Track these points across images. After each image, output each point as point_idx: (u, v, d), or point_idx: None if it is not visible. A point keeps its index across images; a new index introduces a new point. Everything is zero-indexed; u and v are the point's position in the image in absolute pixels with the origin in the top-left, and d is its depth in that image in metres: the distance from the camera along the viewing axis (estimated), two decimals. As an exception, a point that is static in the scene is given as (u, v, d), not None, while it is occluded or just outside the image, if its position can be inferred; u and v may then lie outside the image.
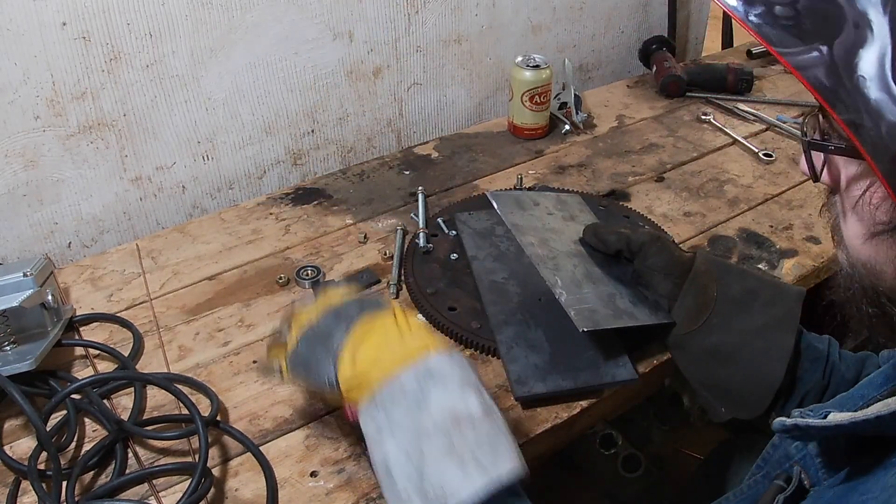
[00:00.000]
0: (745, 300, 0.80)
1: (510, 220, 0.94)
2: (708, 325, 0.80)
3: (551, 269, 0.87)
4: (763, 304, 0.79)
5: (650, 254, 0.85)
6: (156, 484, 0.75)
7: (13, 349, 0.84)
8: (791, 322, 0.78)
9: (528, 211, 0.99)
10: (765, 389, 0.76)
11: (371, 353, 0.64)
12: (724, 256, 1.08)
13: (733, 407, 0.79)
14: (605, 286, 0.88)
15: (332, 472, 0.77)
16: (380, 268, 1.05)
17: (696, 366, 0.82)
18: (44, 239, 1.13)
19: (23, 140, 1.04)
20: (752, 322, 0.79)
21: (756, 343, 0.77)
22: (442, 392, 0.61)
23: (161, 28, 1.09)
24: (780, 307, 0.79)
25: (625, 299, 0.87)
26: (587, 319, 0.82)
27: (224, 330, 0.95)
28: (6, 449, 0.79)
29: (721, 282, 0.82)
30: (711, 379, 0.81)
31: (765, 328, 0.78)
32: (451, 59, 1.45)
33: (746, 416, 0.77)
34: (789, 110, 1.50)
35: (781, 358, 0.76)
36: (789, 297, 0.80)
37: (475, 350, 0.91)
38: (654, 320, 0.85)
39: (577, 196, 1.11)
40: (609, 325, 0.83)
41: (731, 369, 0.78)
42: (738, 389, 0.78)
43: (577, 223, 0.99)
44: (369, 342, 0.65)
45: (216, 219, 1.17)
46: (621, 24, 1.71)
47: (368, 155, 1.43)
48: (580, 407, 0.84)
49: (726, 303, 0.80)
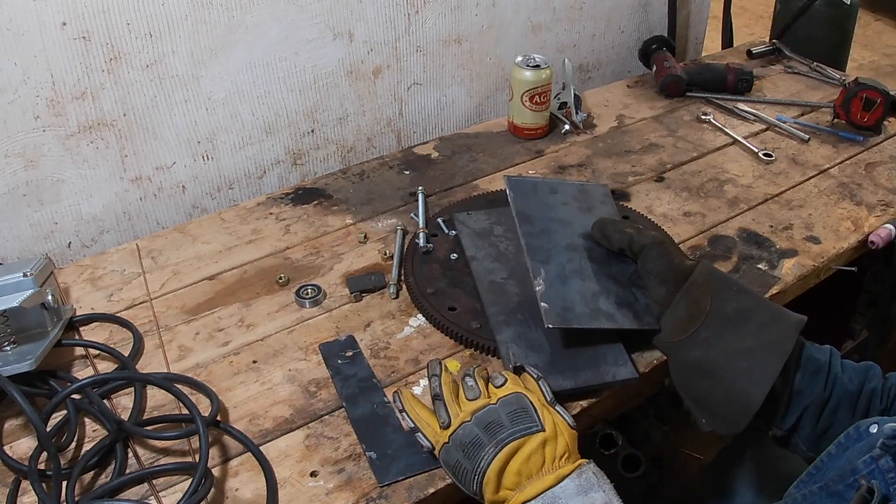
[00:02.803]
0: (739, 319, 0.79)
1: (517, 207, 0.93)
2: (695, 337, 0.80)
3: (540, 262, 0.87)
4: (757, 326, 0.78)
5: (649, 258, 0.85)
6: (156, 484, 0.75)
7: (13, 349, 0.84)
8: (783, 349, 0.76)
9: (542, 199, 0.97)
10: (743, 410, 0.75)
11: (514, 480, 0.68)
12: (724, 256, 1.09)
13: (712, 421, 0.78)
14: (593, 284, 0.88)
15: (332, 472, 0.77)
16: (380, 268, 1.05)
17: (680, 375, 0.82)
18: (44, 239, 1.13)
19: (23, 140, 1.04)
20: (741, 342, 0.77)
21: (740, 364, 0.76)
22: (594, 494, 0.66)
23: (161, 28, 1.09)
24: (775, 332, 0.77)
25: (610, 300, 0.86)
26: (557, 316, 0.82)
27: (224, 330, 0.95)
28: (6, 449, 0.79)
29: (717, 296, 0.80)
30: (693, 391, 0.80)
31: (753, 350, 0.76)
32: (451, 59, 1.45)
33: (725, 432, 0.77)
34: (789, 110, 1.50)
35: (764, 383, 0.74)
36: (787, 324, 0.78)
37: (475, 350, 0.91)
38: (634, 325, 0.85)
39: (604, 188, 1.08)
40: (580, 324, 0.83)
41: (712, 385, 0.78)
42: (718, 406, 0.77)
43: (591, 215, 0.97)
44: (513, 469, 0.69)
45: (216, 219, 1.17)
46: (621, 24, 1.71)
47: (368, 155, 1.43)
48: (580, 407, 0.84)
49: (718, 318, 0.79)
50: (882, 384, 0.78)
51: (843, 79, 1.61)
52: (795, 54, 1.73)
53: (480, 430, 0.70)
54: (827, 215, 1.18)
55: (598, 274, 0.89)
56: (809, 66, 1.68)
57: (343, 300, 1.00)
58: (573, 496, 0.66)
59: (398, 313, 0.97)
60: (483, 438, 0.70)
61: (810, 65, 1.68)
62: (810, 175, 1.29)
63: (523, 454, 0.69)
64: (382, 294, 1.01)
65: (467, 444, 0.70)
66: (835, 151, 1.36)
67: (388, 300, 1.00)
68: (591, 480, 0.68)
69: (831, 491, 0.65)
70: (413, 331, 0.95)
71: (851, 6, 1.83)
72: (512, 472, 0.68)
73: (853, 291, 1.40)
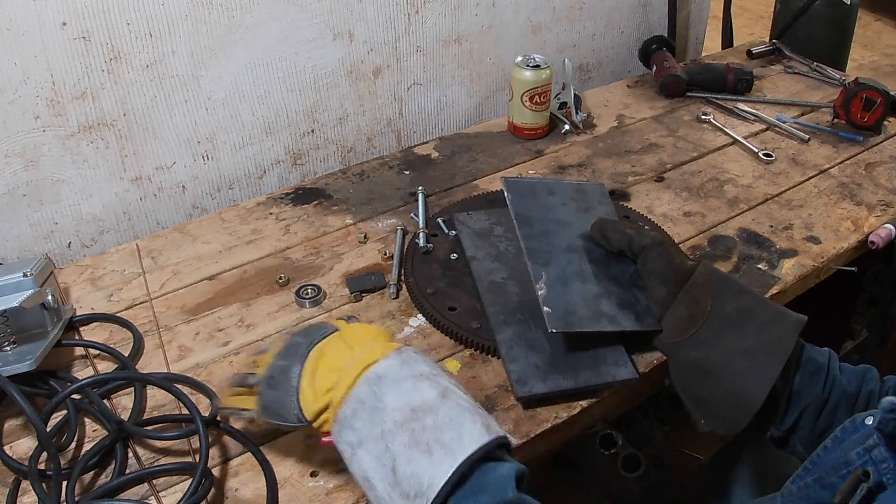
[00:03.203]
0: (739, 319, 0.79)
1: (515, 210, 0.93)
2: (695, 337, 0.79)
3: (540, 265, 0.87)
4: (757, 327, 0.78)
5: (650, 258, 0.85)
6: (156, 484, 0.75)
7: (13, 349, 0.84)
8: (783, 349, 0.76)
9: (540, 200, 0.97)
10: (744, 411, 0.75)
11: (326, 379, 0.67)
12: (724, 256, 1.09)
13: (712, 421, 0.78)
14: (594, 286, 0.88)
15: (332, 472, 0.77)
16: (380, 268, 1.05)
17: (680, 375, 0.82)
18: (44, 239, 1.13)
19: (23, 140, 1.04)
20: (742, 342, 0.77)
21: (741, 364, 0.76)
22: (395, 391, 0.63)
23: (161, 28, 1.09)
24: (775, 332, 0.77)
25: (612, 302, 0.86)
26: (559, 320, 0.82)
27: (224, 330, 0.95)
28: (6, 449, 0.79)
29: (718, 297, 0.80)
30: (693, 391, 0.80)
31: (754, 350, 0.76)
32: (451, 59, 1.45)
33: (724, 432, 0.77)
34: (789, 110, 1.50)
35: (764, 383, 0.74)
36: (787, 324, 0.78)
37: (475, 350, 0.91)
38: (636, 327, 0.85)
39: (601, 186, 1.07)
40: (583, 328, 0.83)
41: (712, 385, 0.77)
42: (718, 406, 0.77)
43: (590, 216, 0.96)
44: (322, 369, 0.68)
45: (216, 219, 1.17)
46: (621, 24, 1.71)
47: (368, 155, 1.43)
48: (580, 407, 0.84)
49: (719, 318, 0.79)
50: (879, 387, 0.78)
51: (843, 79, 1.61)
52: (795, 54, 1.73)
53: (281, 359, 0.70)
54: (827, 215, 1.18)
55: (599, 275, 0.89)
56: (809, 66, 1.68)
57: (343, 300, 1.00)
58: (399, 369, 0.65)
59: (398, 313, 0.97)
60: (286, 362, 0.69)
61: (810, 65, 1.68)
62: (810, 175, 1.29)
63: (328, 351, 0.68)
64: (382, 294, 1.01)
65: (276, 376, 0.69)
66: (835, 151, 1.36)
67: (388, 300, 1.00)
68: (412, 356, 0.67)
69: (825, 483, 0.66)
70: (413, 331, 0.95)
71: (851, 6, 1.83)
72: (324, 369, 0.67)
73: (853, 291, 1.40)
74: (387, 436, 0.61)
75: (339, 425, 0.64)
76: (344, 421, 0.64)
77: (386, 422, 0.62)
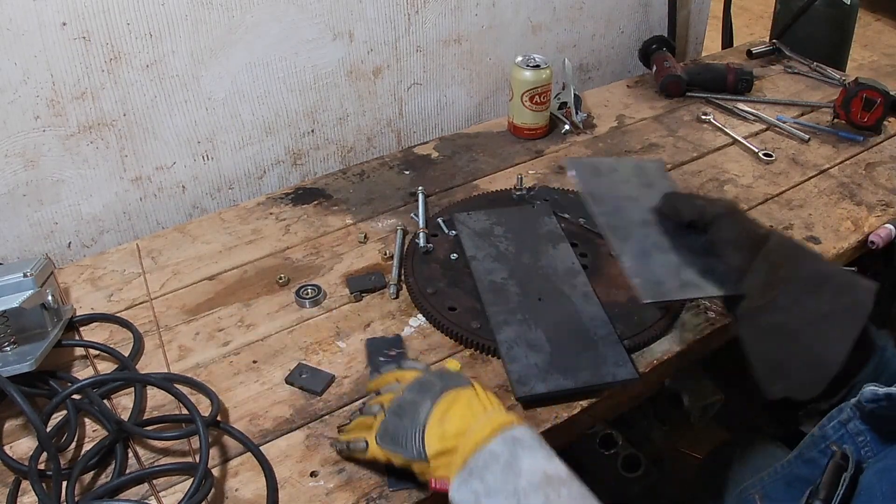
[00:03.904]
0: (816, 284, 0.79)
1: (587, 189, 0.93)
2: (775, 302, 0.79)
3: (620, 239, 0.87)
4: (833, 292, 0.78)
5: (723, 227, 0.85)
6: (156, 484, 0.75)
7: (13, 350, 0.84)
8: (860, 312, 0.77)
9: (606, 178, 0.97)
10: (822, 374, 0.75)
11: (458, 424, 0.68)
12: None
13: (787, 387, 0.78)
14: (673, 256, 0.88)
15: (332, 472, 0.77)
16: (380, 268, 1.05)
17: (759, 341, 0.81)
18: (44, 239, 1.13)
19: (23, 140, 1.04)
20: (820, 306, 0.78)
21: (821, 327, 0.77)
22: (531, 456, 0.65)
23: (161, 28, 1.09)
24: (850, 296, 0.78)
25: (693, 271, 0.86)
26: (651, 291, 0.82)
27: (224, 330, 0.95)
28: (6, 449, 0.79)
29: (793, 262, 0.81)
30: (772, 356, 0.80)
31: (832, 314, 0.77)
32: (451, 59, 1.45)
33: (800, 397, 0.77)
34: (789, 110, 1.50)
35: (843, 346, 0.75)
36: (861, 289, 0.79)
37: (475, 350, 0.91)
38: (721, 292, 0.85)
39: (658, 163, 1.07)
40: (674, 296, 0.83)
41: (792, 349, 0.78)
42: (797, 370, 0.77)
43: (654, 191, 0.96)
44: (455, 414, 0.69)
45: (216, 219, 1.17)
46: (621, 24, 1.71)
47: (368, 155, 1.43)
48: (580, 407, 0.84)
49: (797, 283, 0.79)
50: None
51: (843, 79, 1.61)
52: (795, 54, 1.73)
53: (414, 393, 0.72)
54: (827, 215, 1.18)
55: (677, 247, 0.89)
56: (809, 66, 1.68)
57: (343, 300, 1.00)
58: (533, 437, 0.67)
59: (398, 313, 0.97)
60: (418, 398, 0.71)
61: (810, 65, 1.68)
62: (810, 175, 1.29)
63: (462, 400, 0.70)
64: (382, 294, 1.01)
65: (404, 406, 0.71)
66: (835, 151, 1.36)
67: (388, 300, 1.00)
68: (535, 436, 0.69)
69: (805, 458, 0.67)
70: (413, 331, 0.95)
71: (851, 6, 1.83)
72: (456, 416, 0.68)
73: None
74: (520, 493, 0.63)
75: (468, 473, 0.66)
76: (474, 470, 0.65)
77: (521, 481, 0.63)
